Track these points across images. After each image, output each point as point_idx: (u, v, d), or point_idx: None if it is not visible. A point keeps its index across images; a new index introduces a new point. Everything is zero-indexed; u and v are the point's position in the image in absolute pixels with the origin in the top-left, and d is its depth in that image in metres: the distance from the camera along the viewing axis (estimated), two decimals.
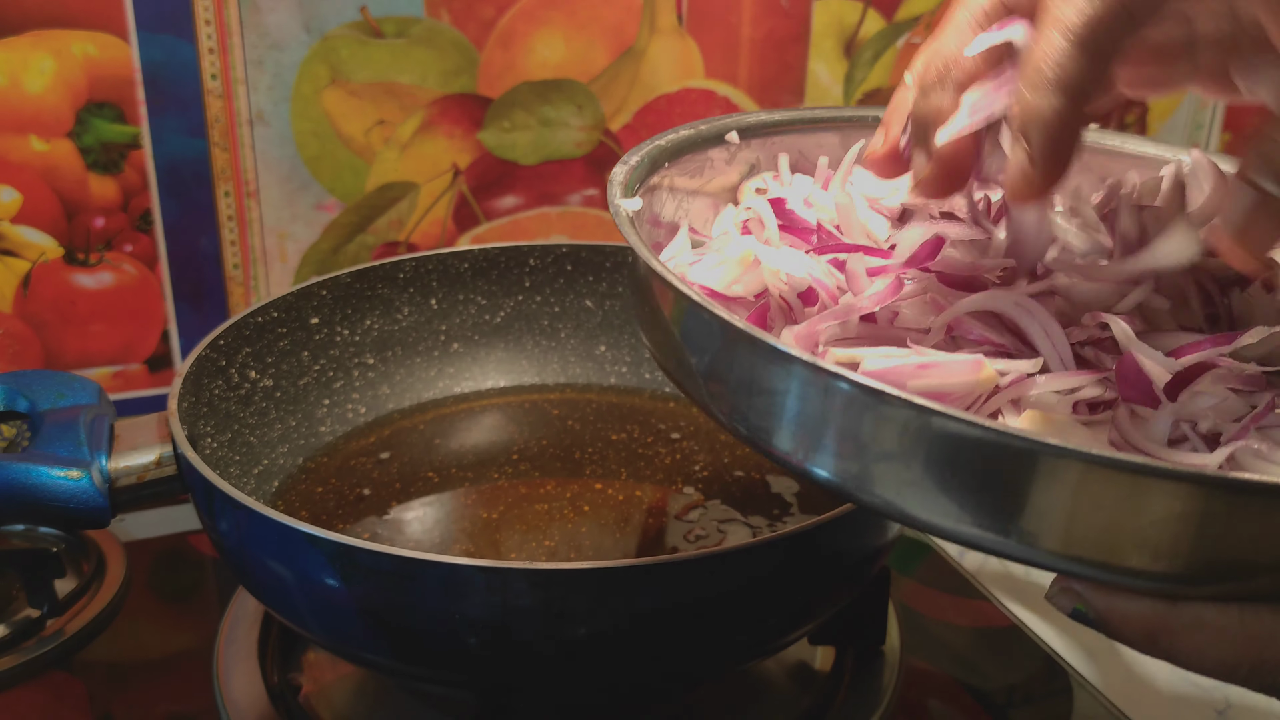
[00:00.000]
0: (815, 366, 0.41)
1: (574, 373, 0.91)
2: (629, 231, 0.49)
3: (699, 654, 0.60)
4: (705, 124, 0.63)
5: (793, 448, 0.43)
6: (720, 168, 0.64)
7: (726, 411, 0.46)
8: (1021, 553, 0.39)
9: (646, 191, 0.57)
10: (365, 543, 0.55)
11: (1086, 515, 0.38)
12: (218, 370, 0.74)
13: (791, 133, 0.65)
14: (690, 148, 0.61)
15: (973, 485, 0.39)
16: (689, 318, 0.47)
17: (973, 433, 0.38)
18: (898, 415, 0.40)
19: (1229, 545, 0.38)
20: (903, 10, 1.06)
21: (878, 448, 0.41)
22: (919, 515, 0.41)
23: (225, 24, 0.89)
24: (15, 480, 0.60)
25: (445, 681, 0.62)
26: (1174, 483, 0.37)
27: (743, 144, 0.64)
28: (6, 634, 0.74)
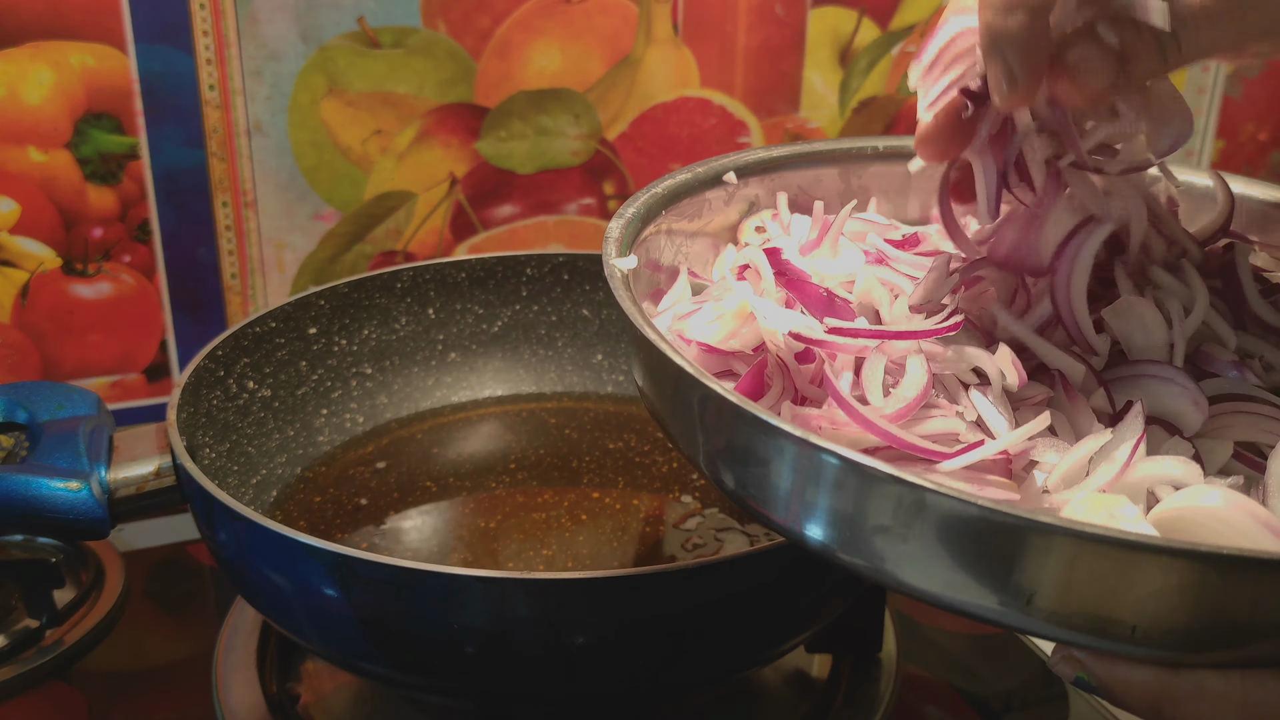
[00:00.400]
0: (804, 440, 0.41)
1: (571, 381, 0.91)
2: (621, 293, 0.50)
3: (696, 662, 0.60)
4: (702, 165, 0.63)
5: (787, 517, 0.44)
6: (719, 208, 0.64)
7: (727, 481, 0.47)
8: (1018, 622, 0.40)
9: (643, 241, 0.57)
10: (364, 553, 0.55)
11: (1081, 587, 0.38)
12: (216, 381, 0.75)
13: (789, 169, 0.65)
14: (687, 191, 0.61)
15: (967, 558, 0.39)
16: (683, 387, 0.47)
17: (966, 510, 0.38)
18: (893, 492, 0.40)
19: (1226, 614, 0.38)
20: (897, 19, 1.06)
21: (874, 522, 0.41)
22: (917, 586, 0.41)
23: (223, 35, 0.89)
24: (15, 491, 0.61)
25: (443, 690, 0.62)
26: (1166, 556, 0.37)
27: (741, 183, 0.64)
28: (6, 644, 0.74)
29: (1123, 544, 0.37)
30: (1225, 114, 1.21)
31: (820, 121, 1.08)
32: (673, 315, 0.56)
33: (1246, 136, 1.22)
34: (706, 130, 1.05)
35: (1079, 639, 0.40)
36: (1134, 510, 0.42)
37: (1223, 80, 1.19)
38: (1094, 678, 0.41)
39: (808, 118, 1.07)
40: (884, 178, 0.68)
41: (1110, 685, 0.41)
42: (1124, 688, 0.41)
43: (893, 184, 0.68)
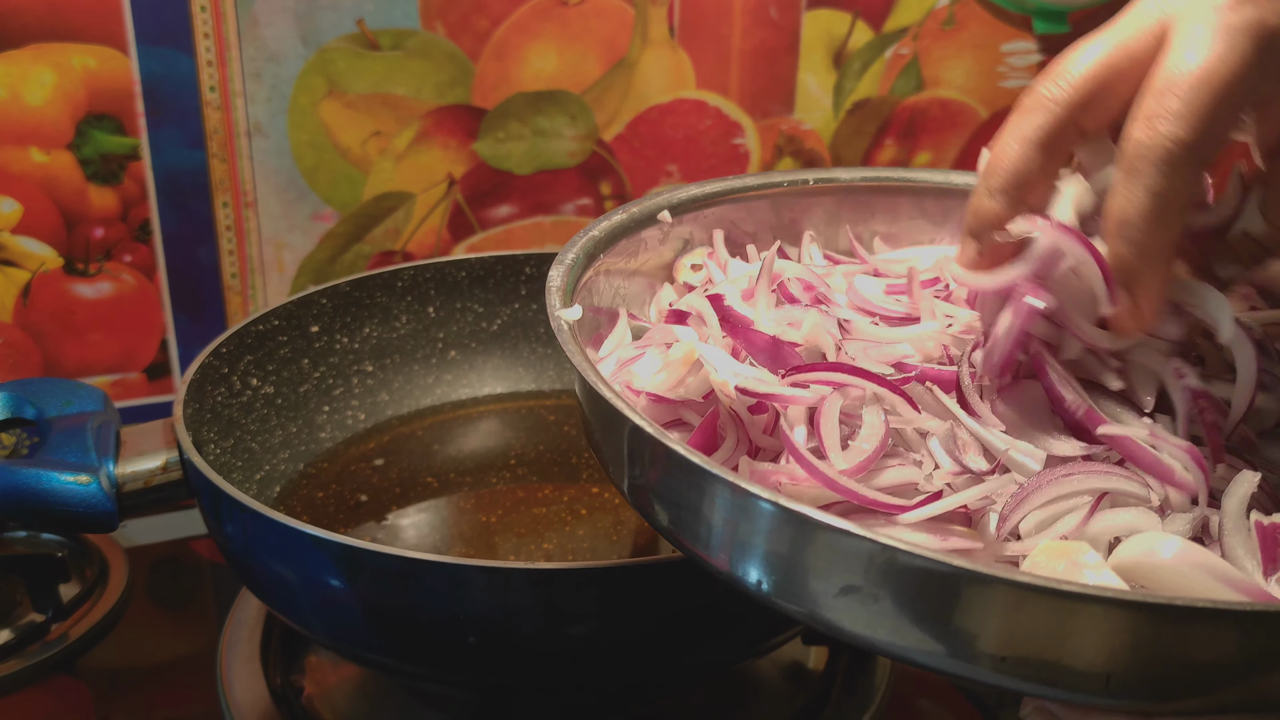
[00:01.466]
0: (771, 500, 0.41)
1: (570, 379, 0.92)
2: (570, 346, 0.49)
3: (696, 651, 0.61)
4: (636, 205, 0.62)
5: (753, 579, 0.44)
6: (654, 246, 0.63)
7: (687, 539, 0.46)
8: (993, 680, 0.40)
9: (584, 285, 0.57)
10: (369, 544, 0.56)
11: (1050, 641, 0.38)
12: (220, 378, 0.75)
13: (724, 204, 0.66)
14: (624, 232, 0.61)
15: (935, 616, 0.39)
16: (640, 446, 0.47)
17: (929, 565, 0.38)
18: (859, 549, 0.40)
19: (1187, 663, 0.38)
20: (891, 21, 1.08)
21: (842, 581, 0.41)
22: (888, 644, 0.41)
23: (224, 37, 0.90)
24: (25, 485, 0.61)
25: (447, 680, 0.63)
26: (1124, 610, 0.38)
27: (675, 221, 0.63)
28: (11, 639, 0.75)
29: (1086, 598, 0.37)
30: None
31: (814, 123, 1.09)
32: (616, 360, 0.56)
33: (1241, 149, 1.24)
34: (702, 132, 1.06)
35: (1055, 694, 0.40)
36: (1096, 557, 0.42)
37: None
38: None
39: (802, 119, 1.08)
40: (815, 211, 0.68)
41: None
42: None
43: (823, 217, 0.68)
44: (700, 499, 0.44)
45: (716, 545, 0.45)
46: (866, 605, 0.41)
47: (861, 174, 0.69)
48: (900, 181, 0.69)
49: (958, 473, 0.46)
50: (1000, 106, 1.13)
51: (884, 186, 0.68)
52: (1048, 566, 0.42)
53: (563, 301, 0.53)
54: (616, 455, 0.50)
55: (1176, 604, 0.37)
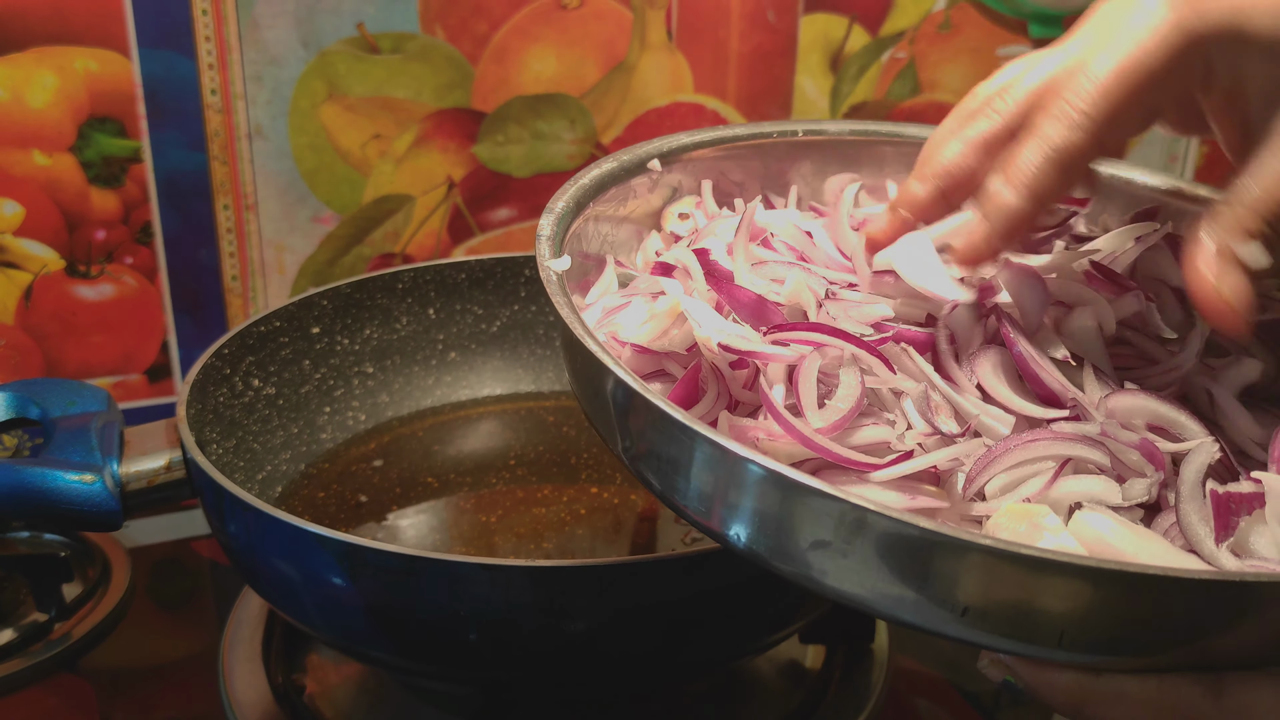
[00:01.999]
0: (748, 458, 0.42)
1: (568, 380, 0.92)
2: (559, 297, 0.50)
3: (694, 649, 0.62)
4: (627, 153, 0.63)
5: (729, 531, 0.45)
6: (643, 194, 0.64)
7: (661, 488, 0.47)
8: (956, 632, 0.41)
9: (573, 233, 0.57)
10: (372, 542, 0.56)
11: (1007, 599, 0.40)
12: (222, 378, 0.76)
13: (713, 154, 0.66)
14: (614, 180, 0.62)
15: (904, 573, 0.41)
16: (622, 396, 0.47)
17: (898, 528, 0.40)
18: (831, 508, 0.41)
19: (1140, 624, 0.40)
20: (887, 25, 1.08)
21: (813, 537, 0.42)
22: (859, 596, 0.42)
23: (225, 40, 0.90)
24: (31, 484, 0.62)
25: (448, 677, 0.63)
26: (1077, 575, 0.39)
27: (665, 169, 0.64)
28: (15, 638, 0.75)
29: (1041, 563, 0.39)
30: None
31: None
32: (602, 308, 0.57)
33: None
34: None
35: (1011, 647, 0.41)
36: (1056, 520, 0.43)
37: None
38: (1020, 681, 0.44)
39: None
40: (803, 163, 0.69)
41: (1035, 688, 0.43)
42: (1049, 690, 0.43)
43: (810, 169, 0.69)
44: (678, 451, 0.45)
45: (693, 497, 0.46)
46: (835, 560, 0.42)
47: (850, 126, 0.69)
48: (887, 136, 0.69)
49: (929, 434, 0.47)
50: None
51: (871, 140, 0.69)
52: (1009, 528, 0.44)
53: (552, 251, 0.53)
54: (600, 407, 0.50)
55: (1127, 570, 0.39)
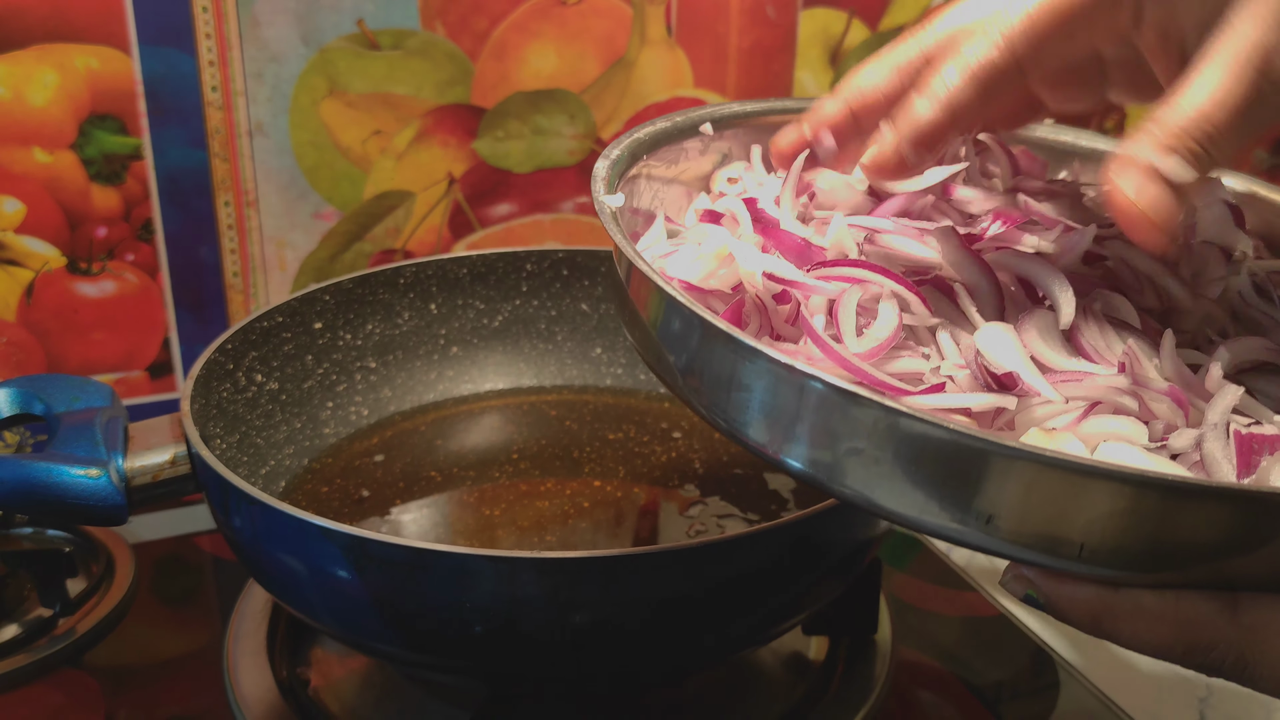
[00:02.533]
0: (788, 365, 0.43)
1: (571, 374, 0.92)
2: (613, 227, 0.52)
3: (699, 641, 0.62)
4: (681, 115, 0.64)
5: (767, 440, 0.46)
6: (694, 157, 0.65)
7: (706, 405, 0.49)
8: (978, 540, 0.42)
9: (626, 183, 0.59)
10: (378, 534, 0.56)
11: (1035, 509, 0.41)
12: (225, 374, 0.76)
13: (764, 122, 0.67)
14: (667, 139, 0.63)
15: (934, 479, 0.42)
16: (670, 313, 0.49)
17: (934, 432, 0.41)
18: (867, 415, 0.42)
19: (1164, 539, 0.41)
20: (886, 20, 1.08)
21: (848, 444, 0.43)
22: (886, 505, 0.43)
23: (225, 37, 0.91)
24: (37, 479, 0.62)
25: (454, 670, 0.63)
26: (1112, 482, 0.40)
27: (716, 135, 0.65)
28: (19, 633, 0.75)
29: (1078, 469, 0.40)
30: None
31: None
32: (651, 256, 0.58)
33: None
34: None
35: (1031, 557, 0.42)
36: (1080, 446, 0.44)
37: None
38: (1041, 595, 0.44)
39: None
40: None
41: (1056, 602, 0.44)
42: (1068, 604, 0.44)
43: None
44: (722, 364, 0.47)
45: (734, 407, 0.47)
46: (868, 467, 0.43)
47: None
48: None
49: (962, 366, 0.48)
50: None
51: None
52: None
53: (607, 189, 0.55)
54: (647, 334, 0.52)
55: (1153, 477, 0.40)
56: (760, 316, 0.51)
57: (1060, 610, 0.44)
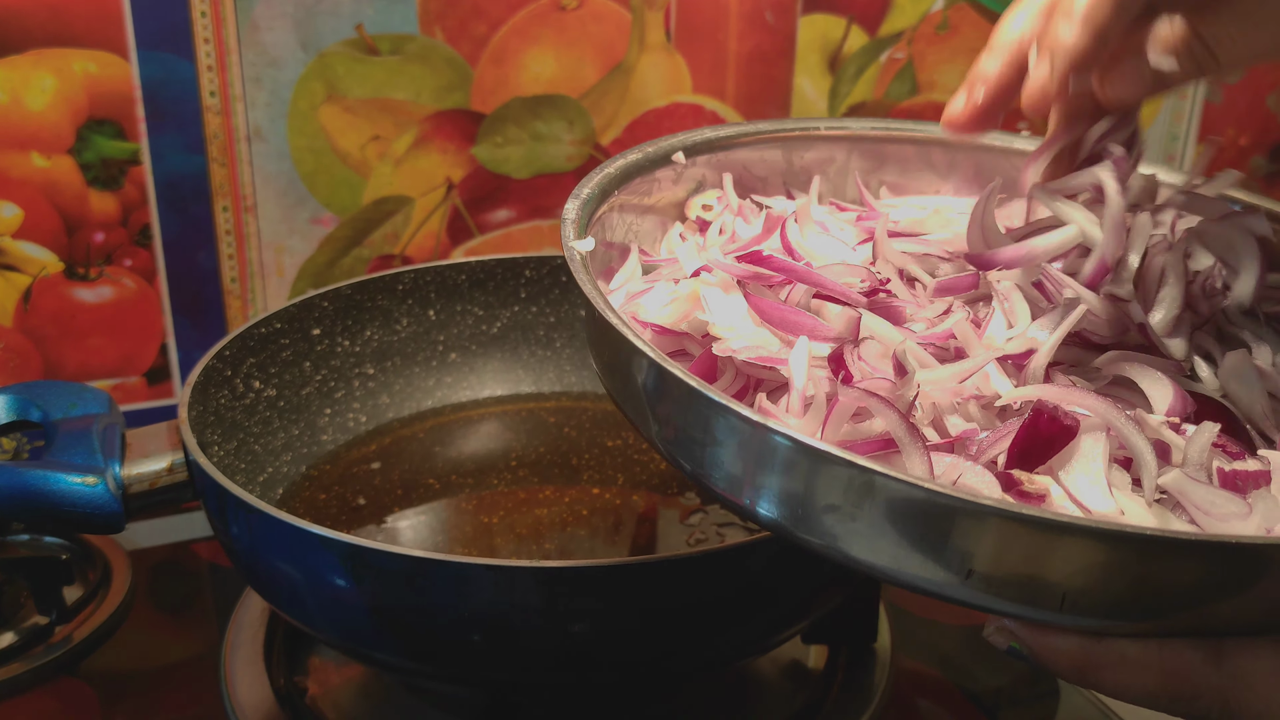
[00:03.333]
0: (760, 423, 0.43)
1: (569, 381, 0.92)
2: (581, 275, 0.51)
3: (699, 649, 0.62)
4: (652, 145, 0.64)
5: (737, 492, 0.46)
6: (667, 186, 0.65)
7: (676, 453, 0.48)
8: (956, 593, 0.42)
9: (598, 219, 0.58)
10: (376, 543, 0.56)
11: (1013, 563, 0.41)
12: (223, 380, 0.76)
13: (735, 149, 0.67)
14: (639, 170, 0.62)
15: (910, 536, 0.42)
16: (641, 368, 0.49)
17: (910, 491, 0.41)
18: (842, 474, 0.42)
19: (1145, 589, 0.41)
20: (886, 25, 1.08)
21: (822, 501, 0.43)
22: (863, 559, 0.43)
23: (224, 42, 0.90)
24: (33, 486, 0.62)
25: (452, 679, 0.63)
26: (1088, 537, 0.40)
27: (689, 162, 0.65)
28: (15, 641, 0.75)
29: (1051, 525, 0.40)
30: (1206, 119, 1.23)
31: None
32: (625, 293, 0.57)
33: (1228, 141, 1.25)
34: None
35: (1012, 609, 0.42)
36: (1060, 491, 0.44)
37: (1203, 86, 1.21)
38: (1024, 646, 0.44)
39: None
40: (826, 159, 0.69)
41: (1039, 653, 0.44)
42: (1052, 655, 0.44)
43: (833, 165, 0.70)
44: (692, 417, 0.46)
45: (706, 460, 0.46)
46: (844, 524, 0.43)
47: (871, 124, 0.70)
48: (908, 133, 0.70)
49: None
50: None
51: (892, 137, 0.70)
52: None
53: (576, 233, 0.54)
54: (622, 382, 0.51)
55: (1130, 531, 0.39)
56: (733, 363, 0.51)
57: (1044, 662, 0.44)
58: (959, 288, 0.55)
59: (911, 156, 0.70)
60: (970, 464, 0.45)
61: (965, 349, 0.51)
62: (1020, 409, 0.48)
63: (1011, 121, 1.17)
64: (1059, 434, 0.45)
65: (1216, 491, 0.44)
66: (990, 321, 0.53)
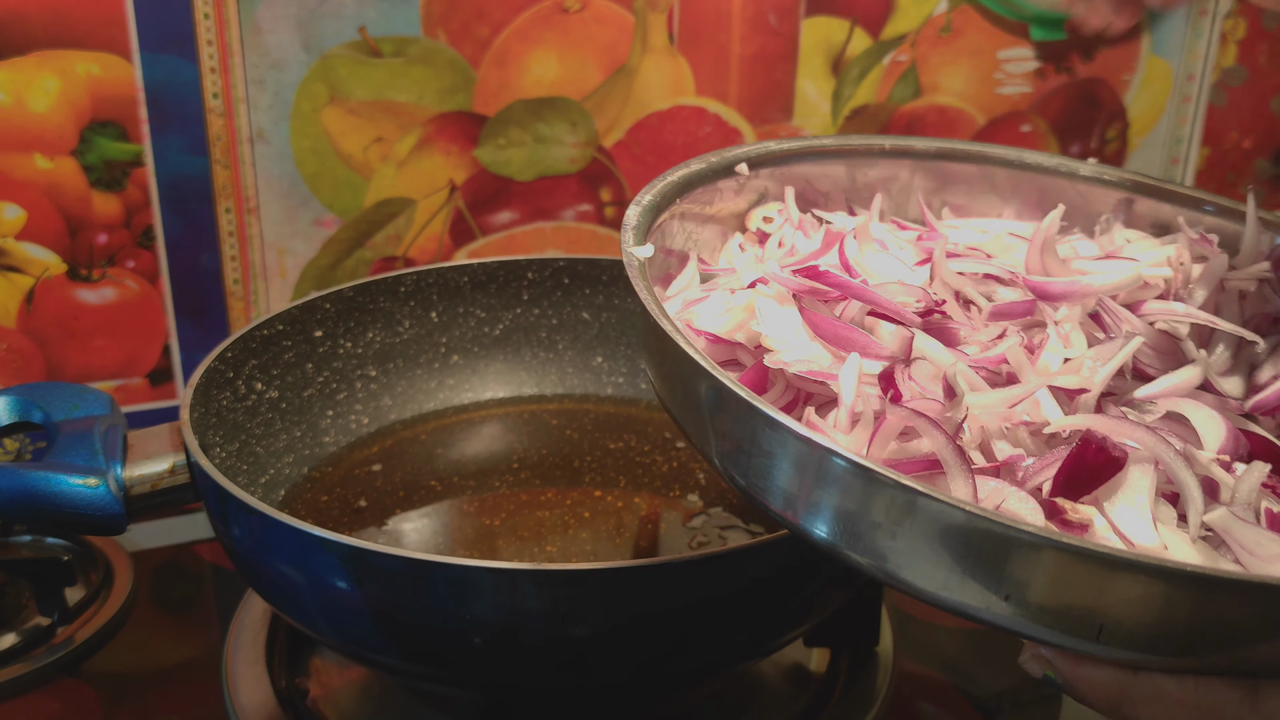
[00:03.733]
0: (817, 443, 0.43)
1: (572, 383, 0.92)
2: (639, 282, 0.51)
3: (701, 653, 0.61)
4: (715, 156, 0.64)
5: (786, 508, 0.46)
6: (729, 197, 0.65)
7: (725, 463, 0.48)
8: (995, 618, 0.42)
9: (658, 226, 0.59)
10: (377, 545, 0.56)
11: (1055, 592, 0.41)
12: (225, 382, 0.76)
13: (799, 162, 0.67)
14: (701, 180, 0.63)
15: (953, 559, 0.42)
16: (694, 377, 0.48)
17: (954, 515, 0.41)
18: (885, 492, 0.42)
19: (1186, 626, 0.41)
20: (888, 28, 1.08)
21: (872, 520, 0.43)
22: (906, 579, 0.43)
23: (227, 44, 0.90)
24: (35, 488, 0.62)
25: (453, 681, 0.63)
26: (1125, 569, 0.40)
27: (752, 174, 0.65)
28: (17, 642, 0.75)
29: (1092, 556, 0.40)
30: (1210, 122, 1.23)
31: (813, 129, 1.09)
32: (682, 300, 0.58)
33: (1231, 144, 1.25)
34: (701, 138, 1.07)
35: (1050, 637, 0.42)
36: (1103, 522, 0.44)
37: (1207, 89, 1.21)
38: (1060, 676, 0.44)
39: (801, 126, 1.09)
40: (889, 177, 0.69)
41: (1075, 684, 0.44)
42: (1088, 686, 0.43)
43: (896, 183, 0.70)
44: (742, 428, 0.46)
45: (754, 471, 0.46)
46: (886, 541, 0.43)
47: (936, 144, 0.70)
48: (973, 154, 0.70)
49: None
50: (997, 113, 1.14)
51: (957, 155, 0.70)
52: None
53: (636, 239, 0.54)
54: (672, 393, 0.51)
55: (1168, 567, 0.40)
56: (784, 378, 0.51)
57: (1079, 693, 0.44)
58: (1014, 313, 0.55)
59: (975, 178, 0.70)
60: (1015, 489, 0.45)
61: (1018, 375, 0.51)
62: (1069, 438, 0.48)
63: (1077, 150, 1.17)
64: (1106, 464, 0.45)
65: (1263, 532, 0.44)
66: (1044, 348, 0.53)
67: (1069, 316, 0.54)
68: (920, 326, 0.52)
